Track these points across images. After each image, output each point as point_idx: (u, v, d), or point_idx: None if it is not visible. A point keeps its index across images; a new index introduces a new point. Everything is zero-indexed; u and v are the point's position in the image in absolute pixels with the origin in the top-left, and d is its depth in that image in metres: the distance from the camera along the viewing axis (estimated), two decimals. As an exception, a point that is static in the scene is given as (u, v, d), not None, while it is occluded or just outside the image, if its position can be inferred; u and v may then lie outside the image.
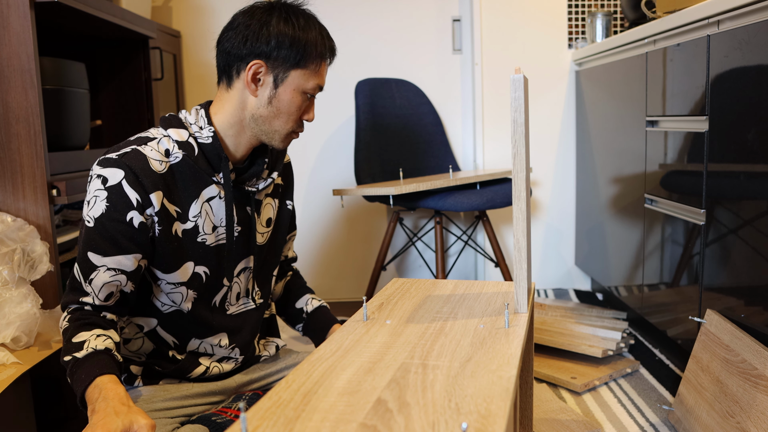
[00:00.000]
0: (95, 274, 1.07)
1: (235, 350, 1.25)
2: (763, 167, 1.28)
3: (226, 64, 1.16)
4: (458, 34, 2.67)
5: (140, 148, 1.10)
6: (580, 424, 1.45)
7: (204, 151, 1.15)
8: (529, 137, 1.01)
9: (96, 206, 1.07)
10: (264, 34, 1.12)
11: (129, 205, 1.07)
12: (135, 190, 1.07)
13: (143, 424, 0.91)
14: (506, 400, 0.68)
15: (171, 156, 1.12)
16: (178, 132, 1.14)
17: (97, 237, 1.07)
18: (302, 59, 1.13)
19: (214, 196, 1.16)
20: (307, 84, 1.15)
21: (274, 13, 1.14)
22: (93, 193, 1.08)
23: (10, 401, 1.38)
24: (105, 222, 1.06)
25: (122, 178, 1.06)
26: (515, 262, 1.00)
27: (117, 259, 1.07)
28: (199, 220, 1.15)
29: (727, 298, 1.44)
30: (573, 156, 2.64)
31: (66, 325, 1.08)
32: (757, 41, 1.28)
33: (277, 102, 1.15)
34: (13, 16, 1.45)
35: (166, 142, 1.13)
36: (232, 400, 1.25)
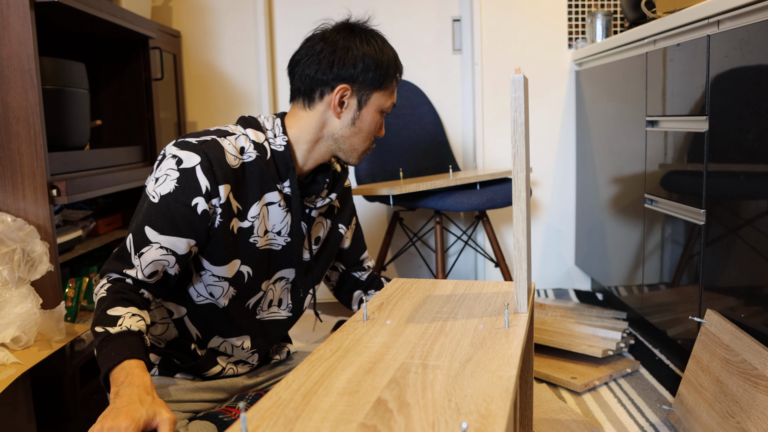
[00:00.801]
0: (147, 248, 1.07)
1: (254, 355, 1.28)
2: (763, 167, 1.28)
3: (308, 87, 1.19)
4: (458, 34, 2.67)
5: (219, 140, 1.13)
6: (580, 424, 1.45)
7: (275, 158, 1.18)
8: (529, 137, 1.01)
9: (165, 184, 1.08)
10: (350, 59, 1.17)
11: (197, 191, 1.08)
12: (207, 178, 1.09)
13: (165, 418, 0.91)
14: (506, 400, 0.68)
15: (245, 154, 1.15)
16: (255, 133, 1.18)
17: (159, 214, 1.08)
18: (384, 81, 1.19)
19: (274, 202, 1.19)
20: (385, 104, 1.21)
21: (355, 36, 1.19)
22: (164, 171, 1.09)
23: (10, 401, 1.38)
24: (170, 201, 1.08)
25: (197, 163, 1.09)
26: (515, 262, 1.00)
27: (172, 239, 1.08)
28: (256, 222, 1.17)
29: (727, 298, 1.44)
30: (573, 156, 2.64)
31: (103, 294, 1.07)
32: (757, 41, 1.28)
33: (359, 123, 1.20)
34: (13, 16, 1.45)
35: (243, 140, 1.16)
36: (236, 399, 1.26)
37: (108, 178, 1.75)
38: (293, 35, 2.66)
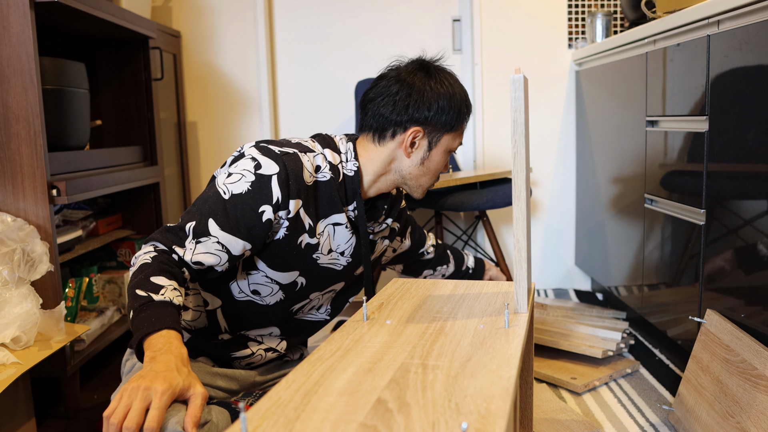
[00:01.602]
0: (206, 239, 1.08)
1: (283, 342, 1.30)
2: (763, 167, 1.28)
3: (381, 126, 1.21)
4: (458, 34, 2.67)
5: (300, 155, 1.14)
6: (580, 424, 1.45)
7: (345, 181, 1.21)
8: (529, 137, 1.01)
9: (238, 184, 1.10)
10: (426, 102, 1.19)
11: (268, 199, 1.10)
12: (281, 190, 1.10)
13: (199, 392, 0.91)
14: (506, 400, 0.68)
15: (320, 173, 1.17)
16: (333, 154, 1.20)
17: (225, 211, 1.09)
18: (455, 123, 1.21)
19: (341, 223, 1.21)
20: (453, 144, 1.24)
21: (431, 78, 1.21)
22: (241, 171, 1.11)
23: (10, 401, 1.38)
24: (239, 202, 1.09)
25: (275, 173, 1.10)
26: (515, 262, 1.00)
27: (230, 238, 1.09)
28: (321, 239, 1.19)
29: (727, 298, 1.44)
30: (573, 156, 2.64)
31: (148, 260, 1.06)
32: (757, 41, 1.28)
33: (428, 163, 1.23)
34: (13, 16, 1.45)
35: (320, 158, 1.18)
36: (243, 395, 1.28)
37: (108, 178, 1.75)
38: (293, 35, 2.66)
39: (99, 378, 1.88)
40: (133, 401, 0.85)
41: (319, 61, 2.65)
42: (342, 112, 2.66)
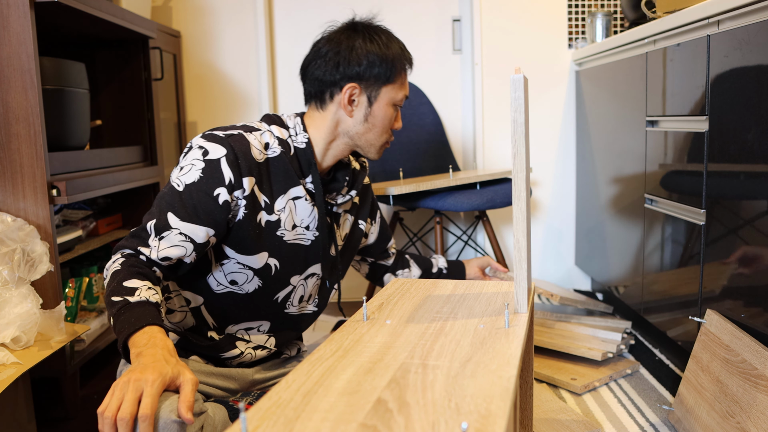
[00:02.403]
0: (168, 233, 1.10)
1: (271, 339, 1.30)
2: (763, 167, 1.28)
3: (318, 90, 1.24)
4: (458, 34, 2.67)
5: (246, 134, 1.16)
6: (580, 424, 1.45)
7: (297, 154, 1.22)
8: (529, 137, 1.01)
9: (190, 173, 1.12)
10: (354, 58, 1.20)
11: (220, 182, 1.11)
12: (231, 170, 1.12)
13: (189, 379, 0.92)
14: (506, 400, 0.68)
15: (269, 150, 1.19)
16: (280, 129, 1.22)
17: (182, 202, 1.11)
18: (391, 74, 1.21)
19: (300, 196, 1.22)
20: (396, 96, 1.24)
21: (358, 35, 1.22)
22: (190, 161, 1.13)
23: (10, 401, 1.38)
24: (193, 190, 1.11)
25: (223, 155, 1.12)
26: (515, 262, 1.00)
27: (192, 227, 1.11)
28: (282, 215, 1.20)
29: (727, 298, 1.44)
30: (573, 156, 2.64)
31: (117, 267, 1.08)
32: (757, 41, 1.28)
33: (372, 119, 1.23)
34: (13, 16, 1.45)
35: (268, 135, 1.20)
36: (242, 395, 1.28)
37: (108, 178, 1.75)
38: (293, 35, 2.66)
39: (99, 378, 1.88)
40: (125, 393, 0.86)
41: (319, 61, 2.65)
42: (342, 112, 2.66)
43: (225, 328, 1.25)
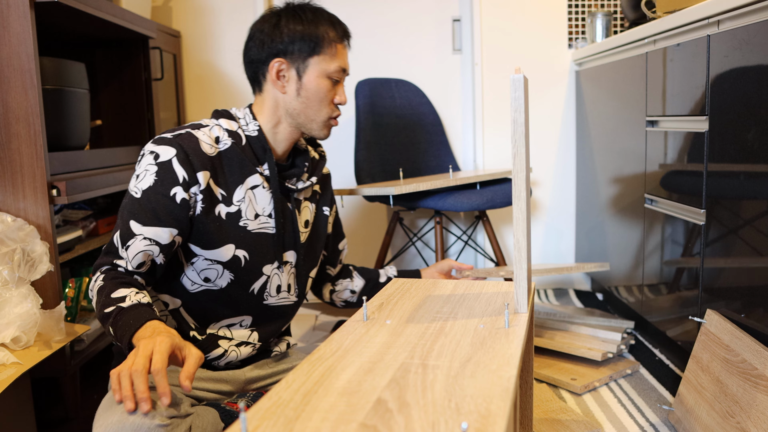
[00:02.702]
0: (133, 240, 1.12)
1: (254, 335, 1.29)
2: (763, 167, 1.28)
3: (253, 72, 1.26)
4: (458, 34, 2.67)
5: (194, 132, 1.18)
6: (580, 424, 1.45)
7: (250, 143, 1.23)
8: (529, 137, 1.01)
9: (145, 179, 1.14)
10: (277, 34, 1.21)
11: (175, 181, 1.13)
12: (183, 168, 1.14)
13: (194, 353, 0.95)
14: (506, 400, 0.68)
15: (220, 143, 1.21)
16: (228, 122, 1.23)
17: (141, 207, 1.13)
18: (317, 46, 1.21)
19: (258, 184, 1.23)
20: (329, 68, 1.23)
21: (283, 14, 1.23)
22: (144, 168, 1.15)
23: (10, 401, 1.38)
24: (150, 194, 1.13)
25: (173, 155, 1.14)
26: (515, 262, 1.00)
27: (154, 230, 1.13)
28: (243, 205, 1.21)
29: (727, 298, 1.44)
30: (573, 156, 2.64)
31: (101, 284, 1.11)
32: (757, 41, 1.28)
33: (305, 92, 1.23)
34: (13, 16, 1.45)
35: (217, 129, 1.21)
36: (237, 396, 1.27)
37: (108, 178, 1.75)
38: (293, 35, 2.66)
39: (99, 378, 1.88)
40: (136, 356, 0.91)
41: (319, 61, 2.65)
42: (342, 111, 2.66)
43: (206, 328, 1.25)
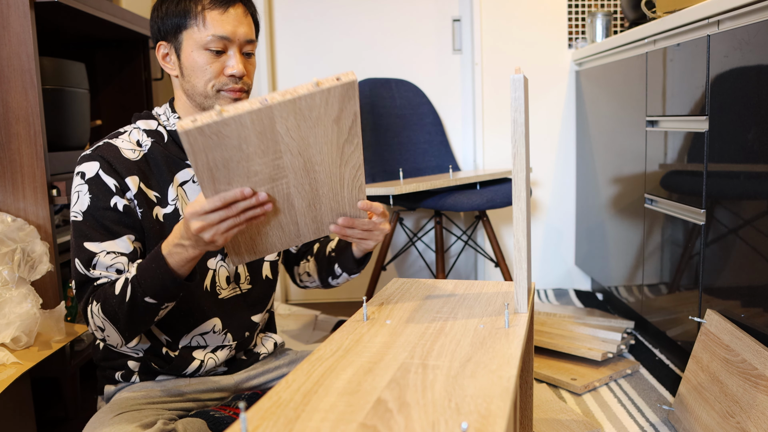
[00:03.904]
0: (96, 259, 1.09)
1: (228, 336, 1.24)
2: (763, 167, 1.28)
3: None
4: (458, 34, 2.67)
5: (112, 141, 1.16)
6: (580, 424, 1.45)
7: (173, 138, 1.20)
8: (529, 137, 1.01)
9: (80, 200, 1.11)
10: (155, 17, 1.18)
11: (109, 192, 1.11)
12: (112, 177, 1.12)
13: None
14: (506, 400, 0.68)
15: (142, 145, 1.18)
16: (146, 123, 1.21)
17: (89, 228, 1.10)
18: (183, 19, 1.14)
19: (187, 180, 1.20)
20: (202, 38, 1.13)
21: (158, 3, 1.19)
22: (75, 189, 1.13)
23: (10, 401, 1.38)
24: (92, 212, 1.10)
25: (98, 168, 1.12)
26: (515, 262, 1.00)
27: (112, 244, 1.10)
28: (178, 203, 1.18)
29: (727, 298, 1.44)
30: (573, 156, 2.64)
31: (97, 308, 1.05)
32: (757, 41, 1.28)
33: (185, 69, 1.16)
34: (13, 16, 1.45)
35: (136, 133, 1.19)
36: (232, 398, 1.25)
37: (108, 178, 1.75)
38: (293, 35, 2.66)
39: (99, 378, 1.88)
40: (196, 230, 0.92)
41: (319, 61, 2.65)
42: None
43: (178, 342, 1.21)
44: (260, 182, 0.94)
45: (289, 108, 0.86)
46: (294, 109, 0.87)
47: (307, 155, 0.94)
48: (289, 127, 0.89)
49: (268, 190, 0.95)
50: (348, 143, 0.95)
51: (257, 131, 0.88)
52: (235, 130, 0.86)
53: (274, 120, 0.87)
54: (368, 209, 1.08)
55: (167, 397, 1.18)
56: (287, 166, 0.94)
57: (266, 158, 0.91)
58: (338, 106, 0.89)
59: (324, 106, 0.88)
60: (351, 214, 1.08)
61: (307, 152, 0.93)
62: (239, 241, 1.02)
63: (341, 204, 1.05)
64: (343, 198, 1.04)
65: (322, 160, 0.96)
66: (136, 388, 1.19)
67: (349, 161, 0.98)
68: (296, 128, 0.90)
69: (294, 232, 1.06)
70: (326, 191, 1.01)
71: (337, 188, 1.01)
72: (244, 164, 0.90)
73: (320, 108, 0.88)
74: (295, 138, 0.91)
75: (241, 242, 1.03)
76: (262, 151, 0.90)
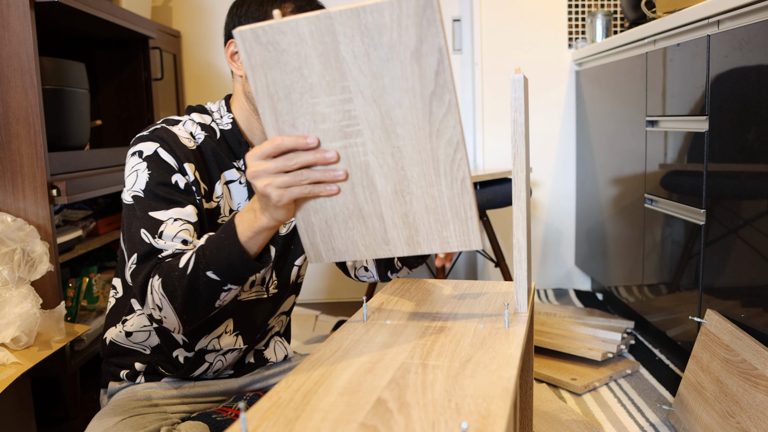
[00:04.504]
0: (163, 227, 1.01)
1: (239, 338, 1.22)
2: (763, 167, 1.28)
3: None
4: (458, 34, 2.67)
5: (169, 127, 1.11)
6: (580, 424, 1.45)
7: (225, 137, 1.17)
8: (529, 137, 1.01)
9: (139, 179, 1.05)
10: (234, 13, 1.14)
11: (170, 170, 1.06)
12: (171, 157, 1.06)
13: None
14: (506, 400, 0.68)
15: (196, 137, 1.14)
16: (200, 116, 1.17)
17: (151, 200, 1.03)
18: (256, 19, 1.10)
19: (234, 179, 1.17)
20: None
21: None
22: (132, 169, 1.06)
23: (10, 401, 1.38)
24: (153, 188, 1.04)
25: (157, 147, 1.06)
26: (515, 262, 1.00)
27: (179, 210, 1.03)
28: (221, 202, 1.15)
29: (727, 298, 1.44)
30: (573, 156, 2.64)
31: (158, 283, 0.95)
32: (757, 41, 1.28)
33: None
34: (13, 16, 1.45)
35: (189, 124, 1.15)
36: (233, 399, 1.25)
37: (108, 178, 1.75)
38: (293, 35, 2.65)
39: (99, 378, 1.88)
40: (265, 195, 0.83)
41: (319, 61, 2.65)
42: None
43: (196, 344, 1.18)
44: (329, 133, 0.80)
45: (352, 21, 0.73)
46: (359, 26, 0.73)
47: (384, 105, 0.77)
48: (356, 53, 0.75)
49: (340, 149, 0.80)
50: (436, 98, 0.76)
51: (319, 51, 0.75)
52: (294, 42, 0.75)
53: (337, 37, 0.74)
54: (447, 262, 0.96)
55: (170, 399, 1.18)
56: (360, 116, 0.78)
57: (333, 97, 0.78)
58: (415, 32, 0.73)
59: (396, 29, 0.73)
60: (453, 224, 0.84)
61: (383, 100, 0.77)
62: (312, 224, 0.87)
63: (439, 204, 0.83)
64: (441, 193, 0.82)
65: (405, 118, 0.78)
66: (140, 388, 1.19)
67: (441, 130, 0.78)
68: (365, 56, 0.75)
69: (380, 231, 0.86)
70: (416, 175, 0.81)
71: (430, 172, 0.81)
72: (308, 99, 0.78)
73: (392, 30, 0.73)
74: (366, 73, 0.76)
75: (316, 227, 0.88)
76: (327, 84, 0.77)
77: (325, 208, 0.85)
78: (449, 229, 0.84)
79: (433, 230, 0.85)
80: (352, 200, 0.84)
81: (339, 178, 0.82)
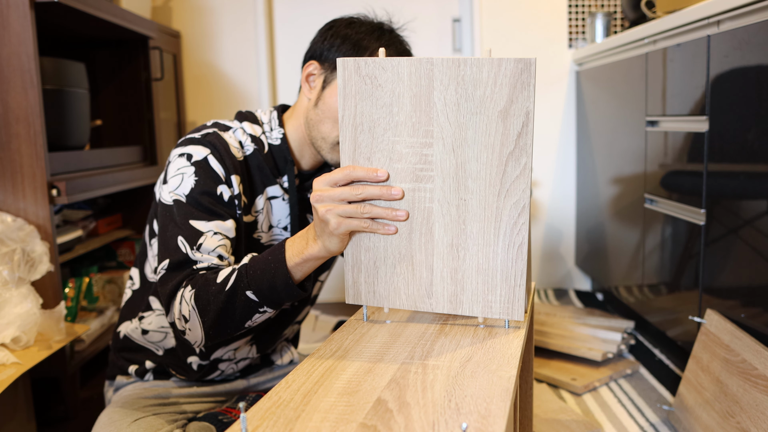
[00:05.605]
0: (203, 239, 0.99)
1: (253, 348, 1.22)
2: (763, 167, 1.28)
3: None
4: (458, 34, 2.67)
5: (220, 133, 1.08)
6: (580, 424, 1.45)
7: (272, 151, 1.14)
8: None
9: (184, 182, 1.03)
10: (324, 36, 1.12)
11: (217, 180, 1.03)
12: (221, 165, 1.04)
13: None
14: (506, 400, 0.68)
15: (244, 148, 1.11)
16: (252, 126, 1.14)
17: (193, 208, 1.01)
18: (353, 55, 1.09)
19: (277, 196, 1.15)
20: None
21: (344, 20, 1.13)
22: (178, 171, 1.04)
23: (10, 401, 1.38)
24: (197, 196, 1.02)
25: (208, 153, 1.04)
26: (515, 262, 1.00)
27: (220, 224, 1.01)
28: (260, 216, 1.13)
29: (727, 298, 1.44)
30: (573, 156, 2.64)
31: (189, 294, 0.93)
32: (757, 41, 1.28)
33: (322, 104, 1.10)
34: (13, 16, 1.45)
35: (240, 133, 1.12)
36: (236, 400, 1.26)
37: (108, 178, 1.75)
38: (293, 35, 2.66)
39: (99, 378, 1.88)
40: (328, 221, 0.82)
41: (319, 61, 2.65)
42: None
43: (212, 353, 1.17)
44: (402, 173, 0.81)
45: (451, 70, 0.76)
46: (456, 76, 0.76)
47: (462, 156, 0.79)
48: (448, 101, 0.77)
49: (407, 192, 0.82)
50: (513, 159, 0.78)
51: (413, 92, 0.78)
52: (391, 80, 0.78)
53: (433, 83, 0.76)
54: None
55: (178, 398, 1.18)
56: (436, 162, 0.80)
57: (415, 139, 0.79)
58: (508, 92, 0.75)
59: (491, 86, 0.75)
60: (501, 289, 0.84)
61: (462, 150, 0.79)
62: (361, 261, 0.88)
63: (492, 265, 0.82)
64: (496, 254, 0.82)
65: (479, 173, 0.79)
66: (148, 386, 1.19)
67: (511, 191, 0.80)
68: (455, 105, 0.77)
69: (426, 283, 0.86)
70: (476, 231, 0.82)
71: (490, 232, 0.81)
72: (390, 136, 0.80)
73: (486, 86, 0.76)
74: (452, 121, 0.78)
75: (363, 265, 0.88)
76: (412, 125, 0.79)
77: (378, 248, 0.86)
78: (495, 294, 0.85)
79: (479, 291, 0.85)
80: (407, 245, 0.85)
81: (399, 218, 0.83)
